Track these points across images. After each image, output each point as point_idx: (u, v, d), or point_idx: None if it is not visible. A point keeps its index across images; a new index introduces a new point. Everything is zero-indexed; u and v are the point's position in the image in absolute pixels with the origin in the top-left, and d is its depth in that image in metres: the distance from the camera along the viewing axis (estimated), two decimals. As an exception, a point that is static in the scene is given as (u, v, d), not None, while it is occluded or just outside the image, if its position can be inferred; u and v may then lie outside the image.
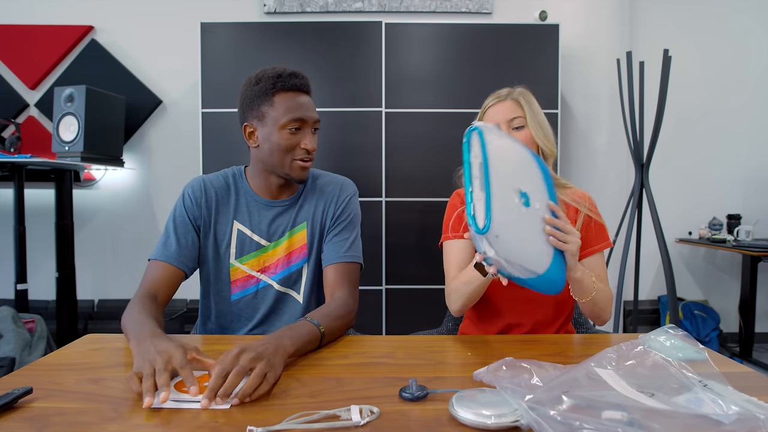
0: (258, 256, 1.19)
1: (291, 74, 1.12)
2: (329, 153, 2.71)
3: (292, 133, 1.11)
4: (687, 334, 0.75)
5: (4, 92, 3.02)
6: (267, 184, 1.20)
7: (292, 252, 1.20)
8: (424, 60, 2.75)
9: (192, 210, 1.17)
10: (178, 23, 3.01)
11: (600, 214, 1.24)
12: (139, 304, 1.00)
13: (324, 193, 1.23)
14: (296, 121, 1.11)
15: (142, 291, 1.06)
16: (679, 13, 3.13)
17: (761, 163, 3.17)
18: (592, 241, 1.20)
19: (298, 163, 1.13)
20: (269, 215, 1.20)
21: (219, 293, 1.20)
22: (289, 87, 1.11)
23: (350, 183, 1.28)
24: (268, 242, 1.19)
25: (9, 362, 2.04)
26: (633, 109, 2.57)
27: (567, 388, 0.59)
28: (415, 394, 0.70)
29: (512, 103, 1.20)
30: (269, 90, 1.11)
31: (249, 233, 1.19)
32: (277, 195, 1.21)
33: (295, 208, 1.22)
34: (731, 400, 0.60)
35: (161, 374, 0.71)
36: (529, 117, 1.18)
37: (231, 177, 1.23)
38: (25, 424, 0.63)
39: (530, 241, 0.91)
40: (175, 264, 1.12)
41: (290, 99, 1.11)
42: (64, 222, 2.58)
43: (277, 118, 1.11)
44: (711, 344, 3.01)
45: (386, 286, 2.75)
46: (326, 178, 1.27)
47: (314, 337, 0.93)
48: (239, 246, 1.18)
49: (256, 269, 1.19)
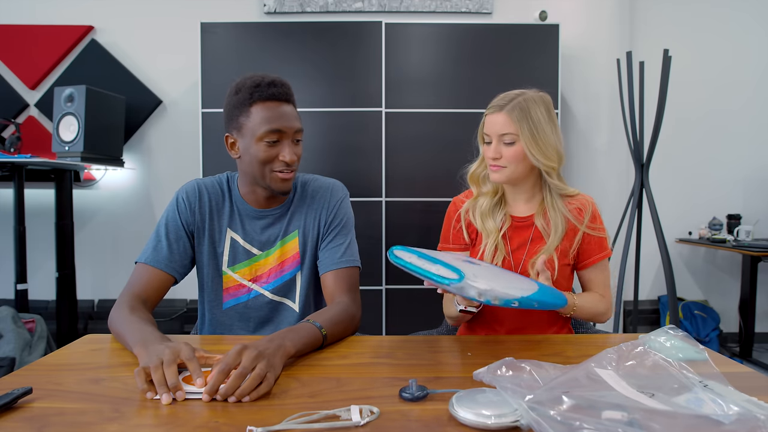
0: (249, 265, 1.18)
1: (270, 83, 1.07)
2: (329, 153, 2.71)
3: (270, 145, 1.07)
4: (687, 335, 0.75)
5: (4, 92, 3.02)
6: (254, 194, 1.17)
7: (285, 261, 1.19)
8: (424, 60, 2.75)
9: (186, 215, 1.15)
10: (178, 23, 3.01)
11: (602, 221, 1.23)
12: (131, 308, 0.99)
13: (315, 200, 1.21)
14: (273, 133, 1.06)
15: (131, 294, 1.04)
16: (679, 13, 3.13)
17: (761, 163, 3.17)
18: (591, 252, 1.21)
19: (278, 175, 1.09)
20: (260, 225, 1.18)
21: (213, 300, 1.19)
22: (267, 97, 1.07)
23: (340, 186, 1.25)
24: (260, 251, 1.18)
25: (9, 362, 2.04)
26: (633, 109, 2.57)
27: (567, 388, 0.59)
28: (415, 394, 0.70)
29: (505, 117, 1.14)
30: (246, 100, 1.07)
31: (242, 242, 1.18)
32: (266, 205, 1.19)
33: (286, 217, 1.20)
34: (731, 400, 0.60)
35: (170, 366, 0.73)
36: (523, 133, 1.13)
37: (225, 183, 1.21)
38: (25, 424, 0.63)
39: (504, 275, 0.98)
40: (165, 270, 1.10)
41: (268, 109, 1.06)
42: (64, 222, 2.58)
43: (254, 130, 1.06)
44: (711, 344, 3.01)
45: (386, 286, 2.75)
46: (316, 183, 1.24)
47: (315, 340, 0.92)
48: (232, 254, 1.17)
49: (247, 278, 1.18)
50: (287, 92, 1.10)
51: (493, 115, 1.16)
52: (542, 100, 1.17)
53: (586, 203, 1.22)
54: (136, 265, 1.11)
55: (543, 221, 1.21)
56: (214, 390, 0.70)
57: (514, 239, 1.23)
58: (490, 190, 1.25)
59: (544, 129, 1.15)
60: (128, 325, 0.93)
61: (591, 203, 1.23)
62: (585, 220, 1.19)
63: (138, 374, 0.73)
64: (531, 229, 1.22)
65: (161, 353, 0.76)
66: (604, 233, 1.22)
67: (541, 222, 1.21)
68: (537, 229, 1.21)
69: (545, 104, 1.17)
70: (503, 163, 1.16)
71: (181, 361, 0.76)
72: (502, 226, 1.22)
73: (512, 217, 1.24)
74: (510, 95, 1.17)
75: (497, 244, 1.20)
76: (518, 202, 1.25)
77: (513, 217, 1.24)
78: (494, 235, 1.20)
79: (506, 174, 1.17)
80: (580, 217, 1.20)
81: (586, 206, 1.21)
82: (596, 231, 1.20)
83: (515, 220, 1.23)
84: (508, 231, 1.23)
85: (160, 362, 0.74)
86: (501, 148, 1.15)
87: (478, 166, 1.27)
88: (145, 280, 1.08)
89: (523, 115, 1.13)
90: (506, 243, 1.22)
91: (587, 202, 1.22)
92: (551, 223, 1.19)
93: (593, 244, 1.20)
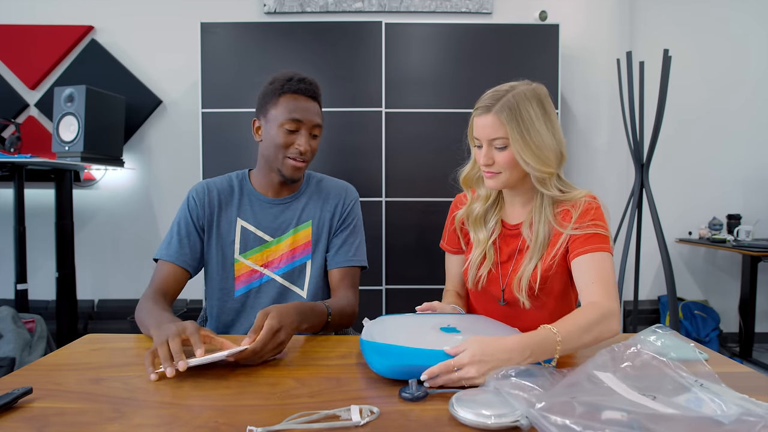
0: (262, 250, 1.24)
1: (300, 80, 1.18)
2: (329, 153, 2.71)
3: (289, 133, 1.17)
4: (675, 333, 0.75)
5: (4, 92, 3.02)
6: (269, 181, 1.25)
7: (297, 248, 1.25)
8: (424, 60, 2.75)
9: (196, 212, 1.23)
10: (178, 23, 3.01)
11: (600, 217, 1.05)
12: (152, 300, 1.07)
13: (330, 196, 1.29)
14: (293, 122, 1.16)
15: (152, 288, 1.13)
16: (679, 13, 3.13)
17: (761, 163, 3.17)
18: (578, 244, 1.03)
19: (290, 161, 1.18)
20: (273, 212, 1.25)
21: (223, 290, 1.23)
22: (295, 90, 1.17)
23: (354, 189, 1.34)
24: (272, 238, 1.24)
25: (9, 362, 2.04)
26: (633, 109, 2.57)
27: (573, 393, 0.59)
28: (415, 394, 0.70)
29: (494, 119, 1.01)
30: (277, 91, 1.17)
31: (253, 229, 1.24)
32: (278, 192, 1.26)
33: (299, 205, 1.27)
34: (729, 399, 0.60)
35: (173, 339, 0.81)
36: (513, 137, 1.01)
37: (235, 179, 1.29)
38: (25, 424, 0.63)
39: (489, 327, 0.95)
40: (177, 263, 1.18)
41: (294, 101, 1.17)
42: (64, 222, 2.58)
43: (278, 117, 1.17)
44: (711, 344, 3.01)
45: (386, 286, 2.75)
46: (330, 182, 1.33)
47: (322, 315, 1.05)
48: (243, 242, 1.23)
49: (259, 264, 1.23)
50: (315, 90, 1.20)
51: (481, 118, 1.04)
52: (534, 93, 1.04)
53: (578, 205, 1.06)
54: (156, 262, 1.20)
55: (528, 231, 1.11)
56: (247, 356, 0.83)
57: (503, 249, 1.16)
58: (483, 195, 1.18)
59: (537, 129, 1.02)
60: (148, 313, 1.02)
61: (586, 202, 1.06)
62: (572, 220, 1.05)
63: (146, 357, 0.81)
64: (519, 239, 1.14)
65: (168, 330, 0.85)
66: (599, 229, 1.02)
67: (527, 232, 1.11)
68: (524, 240, 1.12)
69: (538, 98, 1.04)
70: (497, 169, 1.06)
71: (186, 337, 0.84)
72: (492, 232, 1.16)
73: (503, 223, 1.17)
74: (499, 92, 1.04)
75: (486, 252, 1.15)
76: (515, 205, 1.16)
77: (504, 223, 1.17)
78: (483, 246, 1.15)
79: (502, 180, 1.07)
80: (564, 222, 1.07)
81: (576, 208, 1.06)
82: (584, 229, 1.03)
83: (506, 228, 1.17)
84: (499, 239, 1.17)
85: (165, 338, 0.82)
86: (493, 153, 1.05)
87: (471, 169, 1.18)
88: (163, 274, 1.17)
89: (513, 115, 1.01)
90: (496, 252, 1.16)
91: (580, 202, 1.07)
92: (533, 233, 1.09)
93: (581, 237, 1.03)
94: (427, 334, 0.87)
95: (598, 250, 1.00)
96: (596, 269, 0.99)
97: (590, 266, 1.00)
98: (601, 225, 1.03)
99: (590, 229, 1.02)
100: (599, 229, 1.02)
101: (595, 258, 1.00)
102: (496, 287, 1.17)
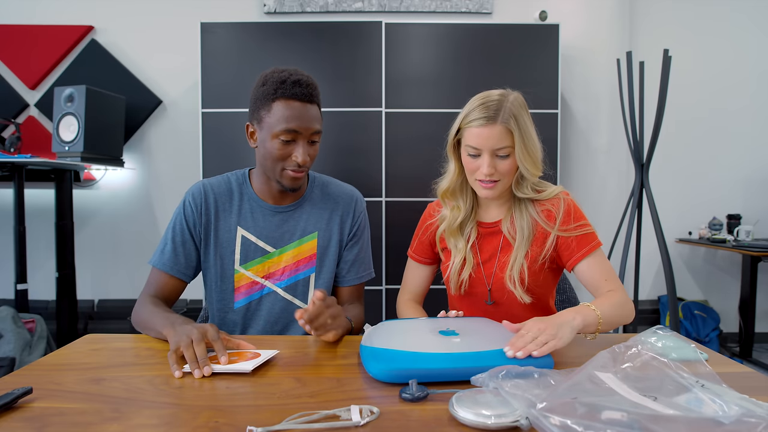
0: (263, 262, 1.17)
1: (295, 82, 1.06)
2: (329, 153, 2.71)
3: (285, 144, 1.07)
4: (676, 333, 0.75)
5: (4, 92, 3.02)
6: (269, 187, 1.18)
7: (300, 260, 1.19)
8: (424, 60, 2.75)
9: (192, 218, 1.16)
10: (178, 23, 3.01)
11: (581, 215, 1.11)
12: (152, 302, 1.07)
13: (338, 205, 1.22)
14: (289, 132, 1.06)
15: (150, 293, 1.12)
16: (680, 13, 3.13)
17: (761, 163, 3.17)
18: (573, 249, 1.09)
19: (288, 173, 1.10)
20: (275, 221, 1.18)
21: (222, 301, 1.18)
22: (290, 95, 1.06)
23: (361, 196, 1.28)
24: (274, 248, 1.18)
25: (9, 362, 2.04)
26: (633, 109, 2.57)
27: (574, 394, 0.59)
28: (415, 394, 0.70)
29: (502, 129, 1.02)
30: (270, 95, 1.07)
31: (254, 239, 1.17)
32: (280, 200, 1.19)
33: (303, 214, 1.20)
34: (729, 399, 0.60)
35: (199, 343, 0.83)
36: (518, 145, 1.03)
37: (234, 182, 1.21)
38: (25, 424, 0.63)
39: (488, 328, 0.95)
40: (171, 273, 1.14)
41: (288, 108, 1.05)
42: (64, 222, 2.58)
43: (272, 126, 1.06)
44: (711, 344, 3.01)
45: (386, 286, 2.75)
46: (337, 188, 1.25)
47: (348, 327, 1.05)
48: (244, 252, 1.17)
49: (260, 275, 1.17)
50: (311, 93, 1.09)
51: (484, 128, 1.03)
52: (522, 100, 1.08)
53: (558, 204, 1.11)
54: (151, 268, 1.17)
55: (510, 227, 1.13)
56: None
57: (483, 249, 1.16)
58: (462, 206, 1.16)
59: (531, 135, 1.06)
60: (153, 314, 1.02)
61: (565, 202, 1.11)
62: (557, 222, 1.09)
63: (170, 356, 0.83)
64: (500, 237, 1.15)
65: (190, 333, 0.85)
66: (586, 229, 1.09)
67: (508, 227, 1.13)
68: (505, 237, 1.14)
69: (525, 105, 1.08)
70: (497, 178, 1.06)
71: (207, 340, 0.85)
72: (469, 237, 1.16)
73: (479, 223, 1.17)
74: (492, 101, 1.05)
75: (465, 257, 1.15)
76: (491, 207, 1.17)
77: (480, 223, 1.17)
78: (462, 252, 1.15)
79: (500, 189, 1.08)
80: (550, 222, 1.10)
81: (557, 207, 1.11)
82: (571, 232, 1.08)
83: (483, 227, 1.17)
84: (477, 240, 1.17)
85: (190, 341, 0.83)
86: (495, 162, 1.05)
87: (454, 180, 1.15)
88: (159, 283, 1.14)
89: (516, 124, 1.03)
90: (476, 254, 1.16)
91: (559, 201, 1.11)
92: (517, 228, 1.11)
93: (573, 242, 1.08)
94: (426, 337, 0.88)
95: (593, 249, 1.08)
96: (601, 269, 1.07)
97: (595, 268, 1.07)
98: (585, 224, 1.10)
99: (578, 231, 1.09)
100: (585, 228, 1.09)
101: (596, 258, 1.08)
102: (481, 288, 1.17)
